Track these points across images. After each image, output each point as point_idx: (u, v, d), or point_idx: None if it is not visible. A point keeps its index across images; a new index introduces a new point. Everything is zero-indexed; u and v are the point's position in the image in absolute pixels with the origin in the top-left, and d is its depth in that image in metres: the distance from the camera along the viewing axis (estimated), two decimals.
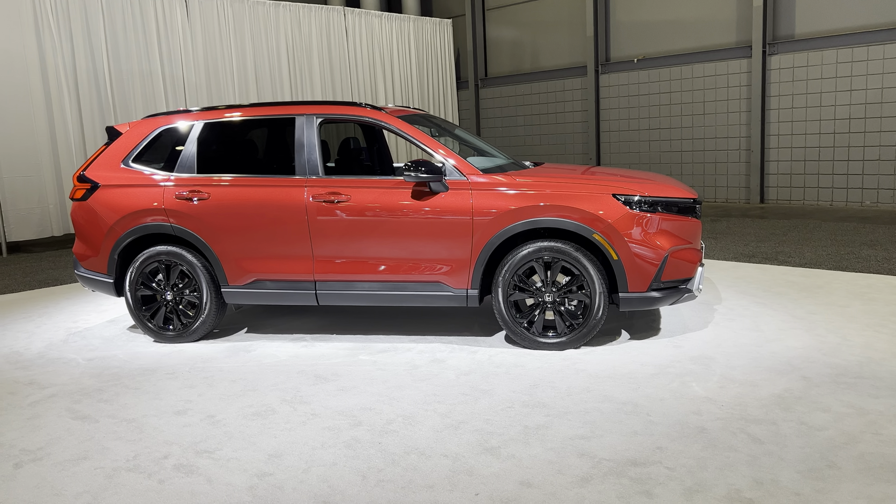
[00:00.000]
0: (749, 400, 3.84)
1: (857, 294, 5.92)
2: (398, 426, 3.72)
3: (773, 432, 3.43)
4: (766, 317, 5.40)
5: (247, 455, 3.46)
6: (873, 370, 4.19)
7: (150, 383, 4.56)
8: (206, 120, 5.49)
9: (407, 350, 5.01)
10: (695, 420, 3.62)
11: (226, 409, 4.07)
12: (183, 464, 3.40)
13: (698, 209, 5.03)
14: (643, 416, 3.70)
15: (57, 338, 5.74)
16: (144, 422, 3.94)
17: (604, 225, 4.65)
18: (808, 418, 3.58)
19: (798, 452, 3.22)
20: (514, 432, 3.57)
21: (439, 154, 5.01)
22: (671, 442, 3.39)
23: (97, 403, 4.24)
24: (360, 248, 5.04)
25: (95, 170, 5.57)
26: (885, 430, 3.40)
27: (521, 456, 3.31)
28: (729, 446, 3.31)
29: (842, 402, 3.75)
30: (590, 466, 3.18)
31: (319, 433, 3.68)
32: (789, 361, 4.41)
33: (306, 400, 4.15)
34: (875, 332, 4.90)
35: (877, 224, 9.54)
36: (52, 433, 3.83)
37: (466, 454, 3.36)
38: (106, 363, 5.03)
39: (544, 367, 4.52)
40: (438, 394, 4.15)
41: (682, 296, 4.81)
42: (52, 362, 5.10)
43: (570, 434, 3.52)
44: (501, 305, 4.88)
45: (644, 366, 4.46)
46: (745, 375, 4.20)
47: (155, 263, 5.38)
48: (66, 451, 3.60)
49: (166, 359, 5.05)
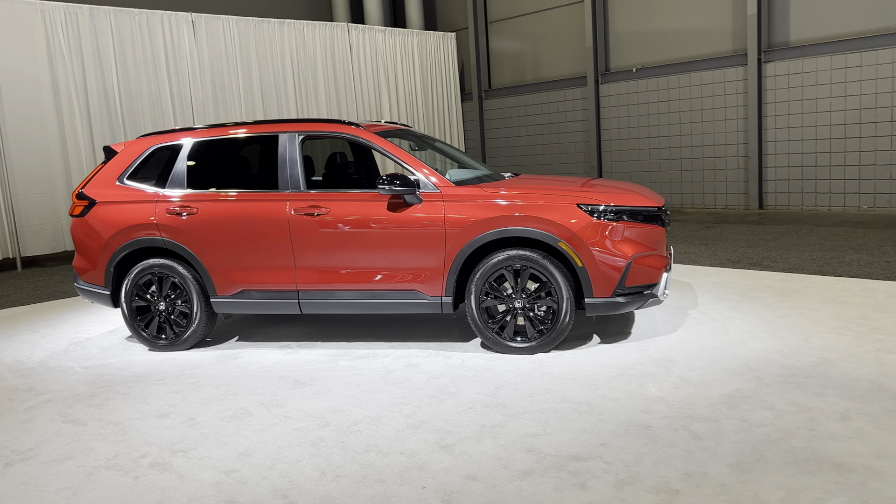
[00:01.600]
0: (699, 399, 4.01)
1: (830, 298, 6.05)
2: (364, 426, 3.94)
3: (714, 429, 3.61)
4: (735, 320, 5.56)
5: (218, 454, 3.70)
6: (825, 370, 4.34)
7: (139, 389, 4.83)
8: (195, 138, 5.78)
9: (385, 356, 5.24)
10: (643, 418, 3.80)
11: (206, 412, 4.32)
12: (158, 462, 3.65)
13: (665, 217, 5.21)
14: (595, 414, 3.89)
15: (58, 347, 6.04)
16: (129, 424, 4.20)
17: (569, 234, 4.86)
18: (750, 416, 3.74)
19: (732, 447, 3.39)
20: (470, 431, 3.78)
21: (412, 168, 5.25)
22: (616, 439, 3.57)
23: (88, 408, 4.51)
24: (339, 258, 5.29)
25: (93, 187, 5.88)
26: (820, 427, 3.56)
27: (472, 452, 3.52)
28: (669, 442, 3.49)
29: (786, 401, 3.91)
30: (534, 461, 3.38)
31: (289, 433, 3.91)
32: (747, 363, 4.57)
33: (281, 403, 4.39)
34: (837, 334, 5.04)
35: (869, 229, 9.62)
36: (43, 435, 4.11)
37: (422, 451, 3.57)
38: (101, 371, 5.32)
39: (511, 370, 4.72)
40: (407, 396, 4.37)
41: (647, 301, 4.99)
42: (51, 370, 5.39)
43: (523, 432, 3.72)
44: (474, 311, 5.09)
45: (607, 368, 4.65)
46: (702, 377, 4.37)
47: (148, 275, 5.66)
48: (54, 451, 3.87)
49: (158, 366, 5.33)
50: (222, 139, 5.81)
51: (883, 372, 4.26)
